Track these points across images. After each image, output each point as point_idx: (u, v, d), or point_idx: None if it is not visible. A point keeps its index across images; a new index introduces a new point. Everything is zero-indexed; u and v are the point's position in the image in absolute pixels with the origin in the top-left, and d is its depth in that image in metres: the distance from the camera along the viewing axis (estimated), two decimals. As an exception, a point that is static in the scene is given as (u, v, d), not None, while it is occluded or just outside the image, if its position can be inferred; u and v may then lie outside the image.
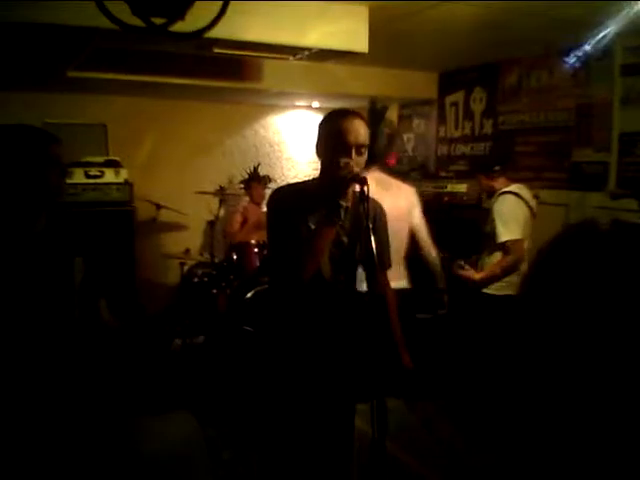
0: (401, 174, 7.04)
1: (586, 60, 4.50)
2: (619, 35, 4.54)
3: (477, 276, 3.93)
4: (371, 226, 2.11)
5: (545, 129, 5.50)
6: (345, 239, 2.47)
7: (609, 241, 0.75)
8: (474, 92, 6.34)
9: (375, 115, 4.82)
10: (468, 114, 6.45)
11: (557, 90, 5.36)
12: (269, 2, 3.87)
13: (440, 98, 6.85)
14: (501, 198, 3.97)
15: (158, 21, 1.49)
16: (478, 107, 6.31)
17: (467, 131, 6.48)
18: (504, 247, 3.84)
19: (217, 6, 1.75)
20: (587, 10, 3.93)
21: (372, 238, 2.10)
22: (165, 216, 6.29)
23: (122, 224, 5.91)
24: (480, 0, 3.86)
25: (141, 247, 6.29)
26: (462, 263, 4.01)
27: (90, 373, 2.22)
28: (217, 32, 3.68)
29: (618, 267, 0.72)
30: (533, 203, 4.10)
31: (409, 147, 7.48)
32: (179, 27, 1.76)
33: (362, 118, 2.46)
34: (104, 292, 2.62)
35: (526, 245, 3.92)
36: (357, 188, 2.24)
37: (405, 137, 7.54)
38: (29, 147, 2.08)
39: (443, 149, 6.86)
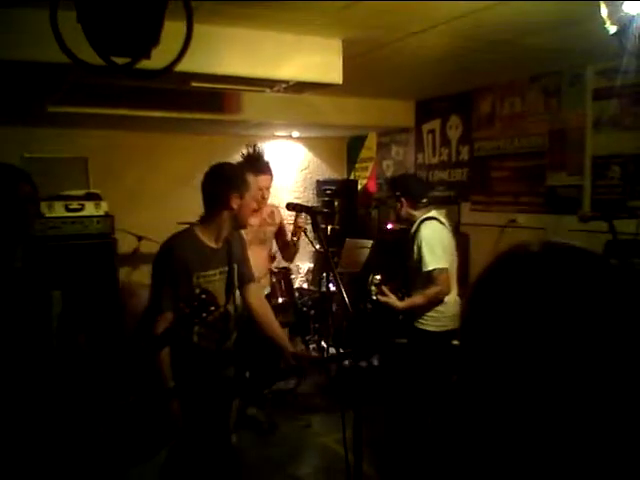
0: (380, 201, 7.14)
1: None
2: (590, 59, 4.67)
3: (400, 304, 3.81)
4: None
5: (519, 154, 5.60)
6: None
7: (539, 262, 0.78)
8: (450, 120, 6.46)
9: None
10: (445, 141, 6.56)
11: (530, 116, 5.48)
12: (244, 36, 3.95)
13: (417, 126, 6.96)
14: (425, 225, 3.83)
15: (122, 60, 1.53)
16: (454, 134, 6.42)
17: (444, 157, 6.58)
18: (429, 276, 3.72)
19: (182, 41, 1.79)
20: (556, 37, 4.04)
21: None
22: (147, 247, 6.28)
23: (103, 256, 5.92)
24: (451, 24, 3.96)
25: (123, 278, 6.27)
26: (383, 288, 3.86)
27: (67, 406, 2.22)
28: (193, 67, 3.78)
29: (548, 286, 0.74)
30: (450, 227, 4.02)
31: (389, 174, 7.57)
32: (147, 64, 1.80)
33: None
34: (84, 326, 2.63)
35: (453, 271, 3.87)
36: None
37: (384, 164, 7.64)
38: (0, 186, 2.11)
39: (421, 175, 6.94)
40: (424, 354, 3.83)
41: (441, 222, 3.90)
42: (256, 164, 4.27)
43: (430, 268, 3.70)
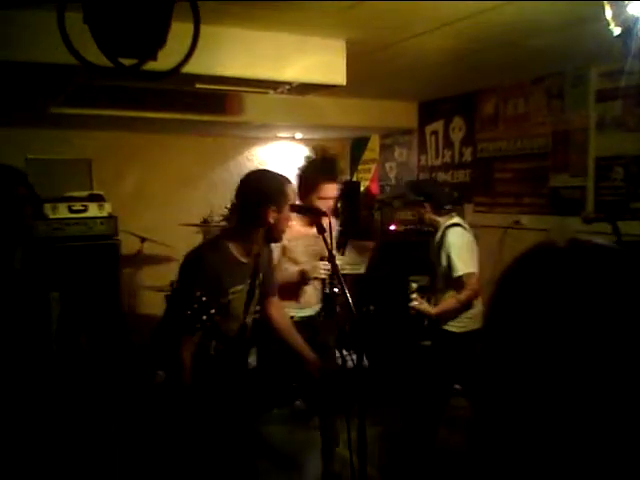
0: (384, 202, 7.13)
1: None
2: (594, 61, 4.67)
3: (433, 310, 3.88)
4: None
5: (523, 156, 5.60)
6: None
7: (567, 258, 0.77)
8: (453, 121, 6.46)
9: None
10: (448, 143, 6.56)
11: (533, 117, 5.48)
12: (248, 37, 3.95)
13: (420, 127, 6.96)
14: (451, 232, 3.89)
15: (129, 62, 1.54)
16: (457, 136, 6.42)
17: (447, 159, 6.58)
18: (459, 281, 3.80)
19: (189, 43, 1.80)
20: (559, 38, 4.04)
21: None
22: (150, 249, 6.30)
23: (107, 257, 5.93)
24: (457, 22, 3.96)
25: (126, 280, 6.28)
26: (415, 296, 3.94)
27: (68, 406, 2.23)
28: (199, 68, 3.78)
29: (576, 282, 0.73)
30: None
31: (391, 176, 7.58)
32: (153, 66, 1.81)
33: None
34: (86, 327, 2.63)
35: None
36: None
37: (387, 166, 7.64)
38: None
39: (424, 177, 6.95)
40: (448, 355, 3.90)
41: (465, 228, 3.96)
42: (330, 171, 3.99)
43: (460, 273, 3.77)
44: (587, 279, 0.73)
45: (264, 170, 2.98)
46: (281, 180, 2.82)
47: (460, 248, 3.83)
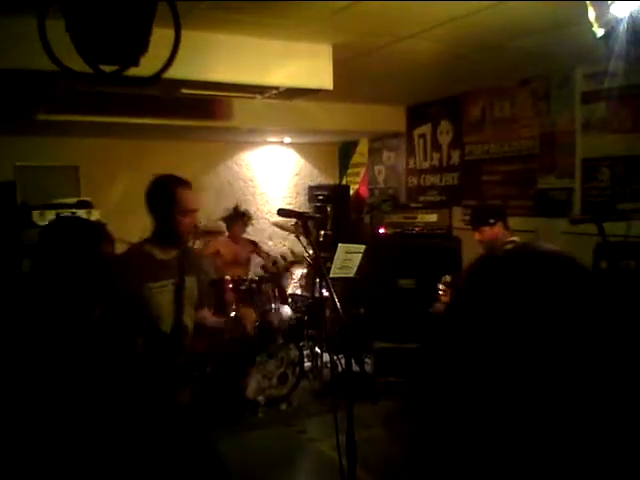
0: (372, 205, 7.15)
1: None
2: (579, 62, 4.70)
3: None
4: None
5: (510, 158, 5.63)
6: None
7: (503, 266, 0.82)
8: (441, 124, 6.49)
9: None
10: (436, 146, 6.59)
11: (520, 119, 5.51)
12: (235, 43, 3.96)
13: (409, 131, 6.99)
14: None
15: (110, 68, 1.54)
16: (445, 139, 6.44)
17: (435, 162, 6.60)
18: None
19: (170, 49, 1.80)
20: (544, 41, 4.07)
21: None
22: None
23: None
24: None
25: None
26: (442, 288, 3.95)
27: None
28: (184, 73, 3.78)
29: (511, 287, 0.78)
30: None
31: (380, 179, 7.60)
32: (136, 72, 1.80)
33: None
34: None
35: None
36: None
37: (376, 169, 7.67)
38: (85, 245, 2.25)
39: (413, 180, 6.97)
40: None
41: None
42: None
43: None
44: (518, 284, 0.78)
45: (161, 176, 3.03)
46: (171, 184, 2.92)
47: None
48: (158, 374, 2.71)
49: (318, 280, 5.55)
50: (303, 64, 4.20)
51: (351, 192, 7.82)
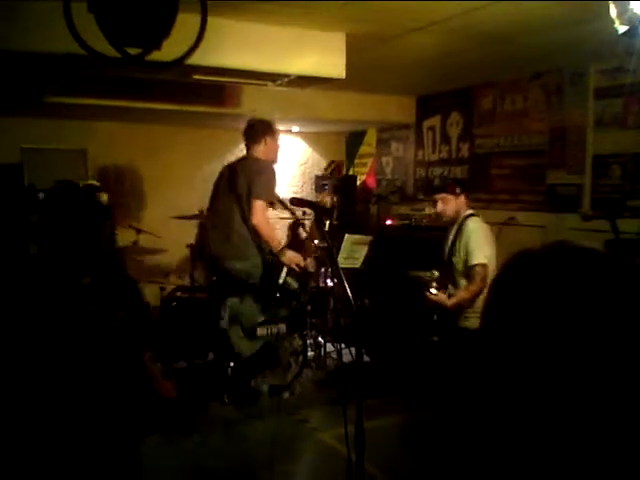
0: (380, 196, 7.13)
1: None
2: (592, 58, 4.67)
3: (449, 302, 3.88)
4: None
5: (520, 152, 5.60)
6: None
7: (542, 263, 0.80)
8: (451, 116, 6.45)
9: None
10: (445, 138, 6.55)
11: (531, 114, 5.47)
12: (248, 30, 3.93)
13: (418, 122, 6.95)
14: (472, 221, 3.96)
15: (134, 51, 1.52)
16: (455, 131, 6.41)
17: (444, 154, 6.57)
18: (471, 271, 3.81)
19: (193, 34, 1.78)
20: (558, 36, 4.04)
21: None
22: (145, 241, 6.27)
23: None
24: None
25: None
26: (434, 287, 3.94)
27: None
28: (197, 59, 3.73)
29: (547, 286, 0.77)
30: None
31: (387, 170, 7.57)
32: (156, 56, 1.79)
33: None
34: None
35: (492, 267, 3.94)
36: None
37: (384, 160, 7.63)
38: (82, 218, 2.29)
39: (421, 172, 6.95)
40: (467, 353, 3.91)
41: (479, 216, 4.04)
42: None
43: (475, 262, 3.77)
44: (558, 282, 0.77)
45: None
46: None
47: (481, 239, 3.85)
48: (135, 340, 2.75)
49: (324, 270, 5.54)
50: (316, 52, 4.18)
51: (358, 183, 7.79)
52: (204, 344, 5.39)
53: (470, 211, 4.03)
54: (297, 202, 3.02)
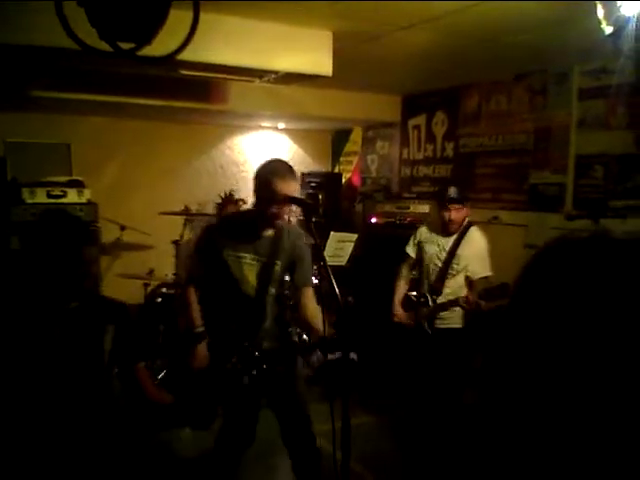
0: (365, 195, 7.15)
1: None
2: (577, 59, 4.71)
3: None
4: None
5: (504, 152, 5.64)
6: None
7: (587, 250, 0.78)
8: (436, 116, 6.49)
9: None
10: (430, 137, 6.59)
11: (516, 114, 5.52)
12: (235, 26, 3.92)
13: (403, 121, 6.98)
14: (477, 230, 4.03)
15: (125, 45, 1.52)
16: (440, 130, 6.45)
17: (429, 153, 6.61)
18: (477, 281, 3.82)
19: (183, 30, 1.78)
20: (542, 36, 4.07)
21: None
22: (130, 236, 6.24)
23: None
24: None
25: (105, 267, 6.23)
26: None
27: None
28: (184, 54, 3.72)
29: (595, 274, 0.74)
30: None
31: (373, 168, 7.59)
32: (146, 51, 1.79)
33: None
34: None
35: None
36: None
37: (369, 158, 7.66)
38: (68, 245, 2.37)
39: (406, 171, 6.98)
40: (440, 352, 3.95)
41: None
42: None
43: (484, 275, 3.81)
44: (608, 271, 0.74)
45: (270, 160, 3.03)
46: (272, 171, 2.88)
47: (485, 251, 3.92)
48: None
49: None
50: (304, 49, 4.18)
51: (343, 180, 7.81)
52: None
53: (468, 219, 4.09)
54: (287, 199, 3.01)
